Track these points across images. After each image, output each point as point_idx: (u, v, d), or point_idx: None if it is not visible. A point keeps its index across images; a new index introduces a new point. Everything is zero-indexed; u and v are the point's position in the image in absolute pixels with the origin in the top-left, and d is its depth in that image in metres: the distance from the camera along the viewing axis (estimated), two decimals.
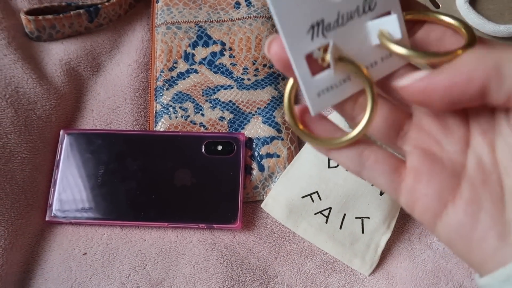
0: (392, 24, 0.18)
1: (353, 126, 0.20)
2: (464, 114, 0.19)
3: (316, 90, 0.19)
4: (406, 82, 0.18)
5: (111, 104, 0.39)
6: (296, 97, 0.40)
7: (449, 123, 0.19)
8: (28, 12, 0.37)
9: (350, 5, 0.18)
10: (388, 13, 0.19)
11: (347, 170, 0.21)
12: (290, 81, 0.19)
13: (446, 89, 0.17)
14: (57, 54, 0.38)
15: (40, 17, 0.37)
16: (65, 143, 0.36)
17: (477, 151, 0.19)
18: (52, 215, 0.34)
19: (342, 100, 0.19)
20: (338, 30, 0.18)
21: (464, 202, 0.18)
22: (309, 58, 0.18)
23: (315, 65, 0.18)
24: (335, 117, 0.34)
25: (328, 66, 0.19)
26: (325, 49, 0.18)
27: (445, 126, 0.20)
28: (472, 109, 0.19)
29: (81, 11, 0.39)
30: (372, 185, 0.32)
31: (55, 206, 0.34)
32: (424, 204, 0.19)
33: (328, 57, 0.18)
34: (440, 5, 0.32)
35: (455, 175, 0.19)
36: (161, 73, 0.39)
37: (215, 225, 0.34)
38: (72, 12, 0.38)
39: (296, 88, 0.19)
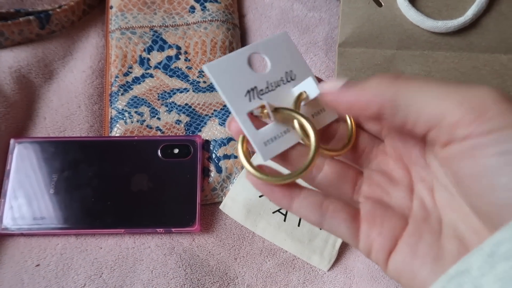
0: (309, 85, 0.22)
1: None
2: (406, 168, 0.23)
3: (262, 141, 0.22)
4: (323, 89, 0.22)
5: (64, 111, 0.38)
6: None
7: (395, 176, 0.23)
8: None
9: (275, 76, 0.23)
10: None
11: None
12: (240, 137, 0.22)
13: (349, 104, 0.20)
14: (6, 62, 0.37)
15: None
16: (16, 152, 0.35)
17: (419, 195, 0.22)
18: (3, 227, 0.33)
19: (287, 149, 0.22)
20: (270, 93, 0.22)
21: (408, 235, 0.21)
22: (253, 117, 0.22)
23: (258, 122, 0.22)
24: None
25: (269, 118, 0.22)
26: (262, 107, 0.22)
27: (392, 179, 0.23)
28: (411, 160, 0.22)
29: (31, 17, 0.38)
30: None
31: (6, 217, 0.33)
32: (379, 244, 0.21)
33: (266, 109, 0.22)
34: (383, 4, 0.33)
35: (403, 216, 0.21)
36: (116, 79, 0.38)
37: (173, 229, 0.33)
38: (21, 19, 0.37)
39: (246, 141, 0.22)
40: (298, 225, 0.33)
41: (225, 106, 0.37)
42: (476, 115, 0.17)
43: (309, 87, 0.22)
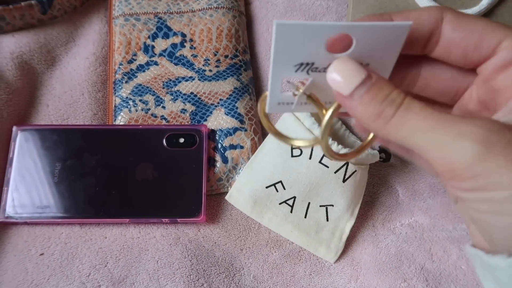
0: None
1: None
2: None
3: (278, 100, 0.21)
4: (333, 85, 0.20)
5: (67, 99, 0.37)
6: (259, 89, 0.40)
7: None
8: None
9: None
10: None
11: None
12: (262, 96, 0.22)
13: (358, 116, 0.20)
14: (8, 47, 0.37)
15: None
16: (18, 140, 0.34)
17: None
18: (6, 215, 0.32)
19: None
20: (322, 75, 0.20)
21: None
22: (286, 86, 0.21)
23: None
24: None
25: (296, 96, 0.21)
26: (302, 83, 0.20)
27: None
28: None
29: (33, 2, 0.37)
30: (335, 172, 0.32)
31: (9, 206, 0.32)
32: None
33: (301, 90, 0.20)
34: None
35: None
36: (120, 66, 0.37)
37: (178, 219, 0.33)
38: (23, 3, 0.36)
39: (265, 99, 0.21)
40: (305, 217, 0.33)
41: (231, 95, 0.37)
42: (453, 175, 0.18)
43: None
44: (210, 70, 0.37)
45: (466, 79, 0.22)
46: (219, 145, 0.35)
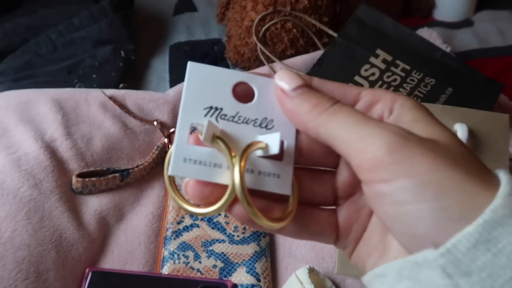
0: (274, 140, 0.21)
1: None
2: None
3: (184, 155, 0.20)
4: (278, 80, 0.23)
5: (128, 248, 0.49)
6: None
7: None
8: (79, 175, 0.50)
9: (250, 113, 0.22)
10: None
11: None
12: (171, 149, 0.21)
13: (289, 112, 0.22)
14: (93, 206, 0.50)
15: (87, 179, 0.50)
16: (89, 279, 0.45)
17: None
18: None
19: (203, 181, 0.21)
20: (231, 124, 0.22)
21: (367, 232, 0.24)
22: (197, 137, 0.21)
23: (199, 141, 0.21)
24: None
25: (202, 139, 0.20)
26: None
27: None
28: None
29: (117, 174, 0.52)
30: None
31: None
32: (350, 247, 0.25)
33: (204, 127, 0.20)
34: None
35: (370, 213, 0.25)
36: (171, 225, 0.50)
37: None
38: (110, 175, 0.51)
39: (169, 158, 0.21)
40: None
41: (252, 257, 0.48)
42: (370, 165, 0.19)
43: (272, 142, 0.21)
44: (238, 236, 0.50)
45: None
46: None
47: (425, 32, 0.72)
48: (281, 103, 0.23)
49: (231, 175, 0.20)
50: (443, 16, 0.83)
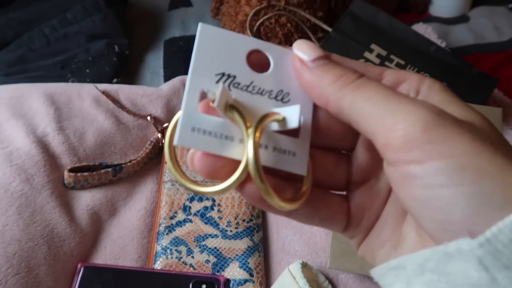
0: (293, 114, 0.20)
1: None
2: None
3: (192, 124, 0.19)
4: (296, 50, 0.21)
5: (121, 243, 0.49)
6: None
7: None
8: (71, 170, 0.50)
9: (266, 84, 0.20)
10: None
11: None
12: (171, 124, 0.19)
13: (307, 85, 0.20)
14: (85, 201, 0.50)
15: (79, 174, 0.49)
16: (81, 274, 0.45)
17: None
18: None
19: (211, 153, 0.19)
20: (244, 94, 0.19)
21: (379, 221, 0.23)
22: (207, 104, 0.19)
23: (211, 109, 0.19)
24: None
25: (215, 107, 0.18)
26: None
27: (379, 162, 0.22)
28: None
29: (109, 169, 0.51)
30: None
31: None
32: (359, 237, 0.24)
33: (216, 94, 0.18)
34: None
35: (384, 201, 0.23)
36: (164, 220, 0.50)
37: None
38: (102, 170, 0.51)
39: (175, 126, 0.19)
40: None
41: (245, 252, 0.48)
42: (401, 144, 0.17)
43: (291, 115, 0.20)
44: (231, 231, 0.49)
45: None
46: None
47: (420, 28, 0.72)
48: (299, 75, 0.21)
49: (244, 149, 0.18)
50: (439, 12, 0.83)
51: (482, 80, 0.57)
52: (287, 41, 0.65)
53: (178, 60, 0.73)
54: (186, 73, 0.68)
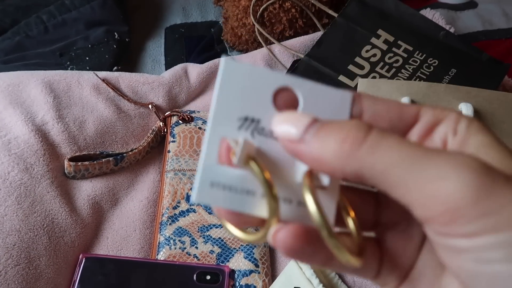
0: None
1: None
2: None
3: (211, 178, 0.17)
4: (278, 131, 0.18)
5: (123, 233, 0.48)
6: None
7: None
8: (71, 159, 0.48)
9: None
10: None
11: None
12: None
13: (315, 160, 0.17)
14: (86, 191, 0.49)
15: (79, 163, 0.48)
16: (82, 265, 0.44)
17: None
18: None
19: (234, 212, 0.18)
20: (268, 141, 0.18)
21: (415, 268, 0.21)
22: (227, 151, 0.17)
23: (230, 161, 0.17)
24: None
25: (235, 160, 0.17)
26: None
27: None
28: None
29: (111, 158, 0.50)
30: None
31: None
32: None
33: (238, 149, 0.17)
34: None
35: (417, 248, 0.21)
36: (166, 210, 0.49)
37: None
38: (103, 160, 0.50)
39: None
40: None
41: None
42: (447, 219, 0.15)
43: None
44: None
45: None
46: (237, 284, 0.44)
47: (428, 13, 0.70)
48: (298, 156, 0.17)
49: (268, 205, 0.17)
50: None
51: (492, 66, 0.55)
52: (292, 27, 0.64)
53: (179, 48, 0.71)
54: (187, 60, 0.66)
